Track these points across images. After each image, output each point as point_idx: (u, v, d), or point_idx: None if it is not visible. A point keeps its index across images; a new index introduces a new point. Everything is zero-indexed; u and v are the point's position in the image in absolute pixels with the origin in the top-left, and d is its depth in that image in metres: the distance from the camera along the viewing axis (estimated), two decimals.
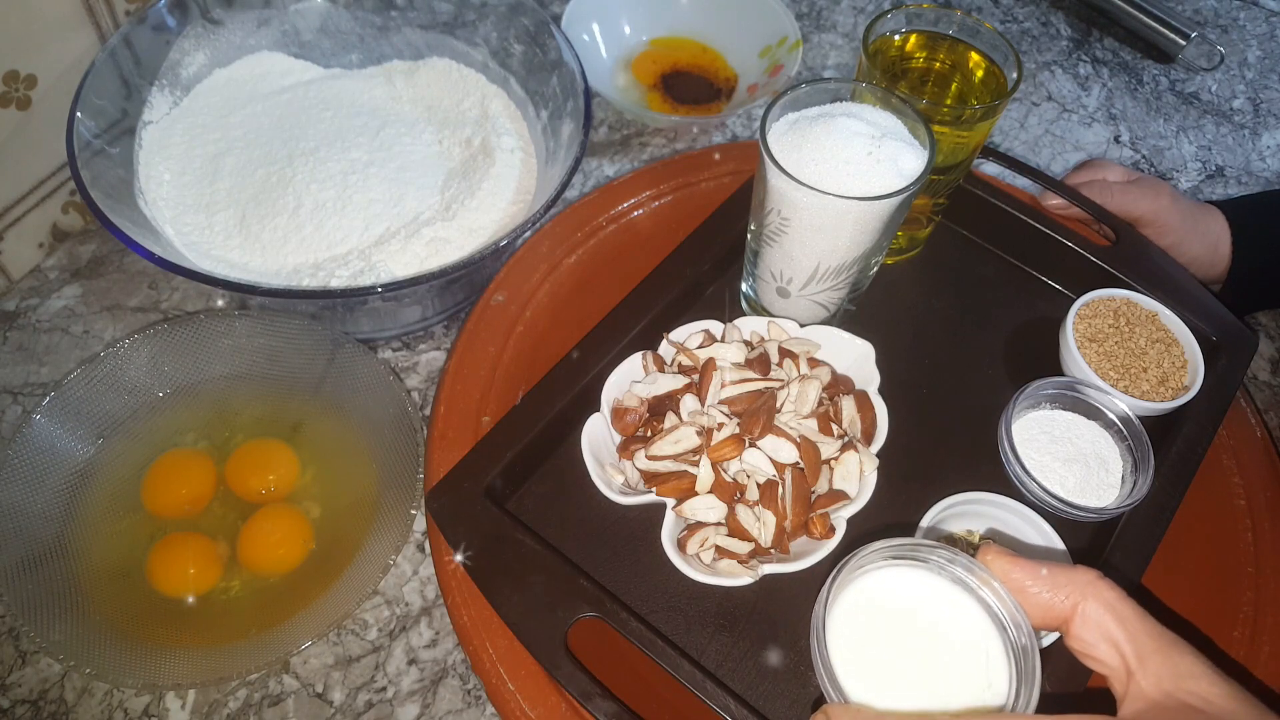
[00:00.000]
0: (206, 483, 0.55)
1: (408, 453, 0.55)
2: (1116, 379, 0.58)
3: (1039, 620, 0.37)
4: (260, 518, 0.54)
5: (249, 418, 0.58)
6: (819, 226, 0.52)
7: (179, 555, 0.53)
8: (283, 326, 0.59)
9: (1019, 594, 0.37)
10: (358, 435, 0.57)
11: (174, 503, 0.54)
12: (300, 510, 0.55)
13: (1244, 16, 0.97)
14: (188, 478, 0.55)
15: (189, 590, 0.52)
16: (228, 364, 0.59)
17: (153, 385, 0.58)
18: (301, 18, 0.69)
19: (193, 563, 0.53)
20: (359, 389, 0.57)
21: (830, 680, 0.37)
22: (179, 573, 0.52)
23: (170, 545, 0.53)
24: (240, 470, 0.56)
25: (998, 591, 0.37)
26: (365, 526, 0.54)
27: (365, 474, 0.56)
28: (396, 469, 0.55)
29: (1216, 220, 0.70)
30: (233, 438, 0.57)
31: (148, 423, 0.57)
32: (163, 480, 0.55)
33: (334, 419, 0.58)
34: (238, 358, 0.59)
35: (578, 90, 0.63)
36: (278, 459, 0.56)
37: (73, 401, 0.55)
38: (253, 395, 0.59)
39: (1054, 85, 0.88)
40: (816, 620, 0.38)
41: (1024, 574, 0.37)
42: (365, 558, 0.52)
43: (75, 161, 0.55)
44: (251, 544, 0.53)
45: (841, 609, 0.39)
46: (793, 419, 0.52)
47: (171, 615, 0.52)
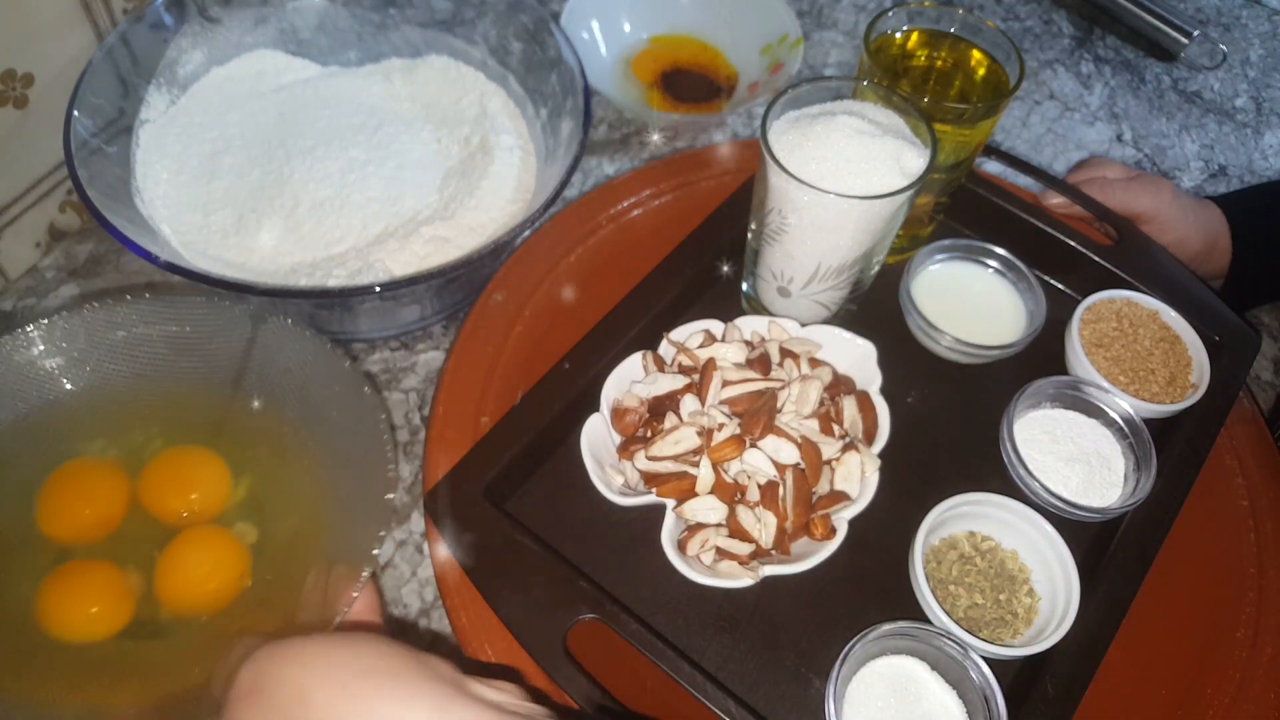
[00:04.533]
0: (116, 500, 0.45)
1: (368, 449, 0.44)
2: (1126, 383, 0.58)
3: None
4: (181, 544, 0.45)
5: (167, 420, 0.48)
6: (820, 225, 0.52)
7: (80, 589, 0.43)
8: (186, 309, 0.49)
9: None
10: (303, 435, 0.47)
11: (76, 524, 0.45)
12: (231, 534, 0.46)
13: (1246, 15, 0.97)
14: (93, 494, 0.45)
15: (92, 633, 0.42)
16: (131, 358, 0.49)
17: (49, 382, 0.47)
18: (299, 15, 0.69)
19: (97, 598, 0.42)
20: (297, 376, 0.47)
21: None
22: (79, 611, 0.42)
23: (68, 576, 0.43)
24: (157, 485, 0.46)
25: (981, 670, 0.46)
26: (313, 554, 0.44)
27: (313, 484, 0.46)
28: (355, 473, 0.45)
29: (1217, 216, 0.70)
30: (148, 444, 0.47)
31: (43, 426, 0.46)
32: (63, 496, 0.45)
33: (270, 417, 0.48)
34: (140, 350, 0.49)
35: (577, 88, 0.62)
36: (203, 471, 0.47)
37: None
38: (169, 392, 0.48)
39: (1056, 84, 0.88)
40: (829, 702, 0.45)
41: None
42: (314, 596, 0.42)
43: (72, 160, 0.54)
44: (171, 575, 0.44)
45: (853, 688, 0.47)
46: (794, 419, 0.52)
47: (70, 665, 0.41)
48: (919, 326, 0.60)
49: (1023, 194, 0.69)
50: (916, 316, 0.60)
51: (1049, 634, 0.48)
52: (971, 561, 0.52)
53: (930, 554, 0.52)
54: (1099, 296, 0.62)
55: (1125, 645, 0.50)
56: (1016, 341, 0.59)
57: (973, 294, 0.63)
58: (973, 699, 0.46)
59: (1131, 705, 0.51)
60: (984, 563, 0.52)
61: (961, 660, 0.46)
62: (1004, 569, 0.52)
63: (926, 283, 0.62)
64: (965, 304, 0.62)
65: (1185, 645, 0.53)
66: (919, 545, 0.50)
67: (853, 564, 0.51)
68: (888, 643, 0.48)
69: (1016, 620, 0.51)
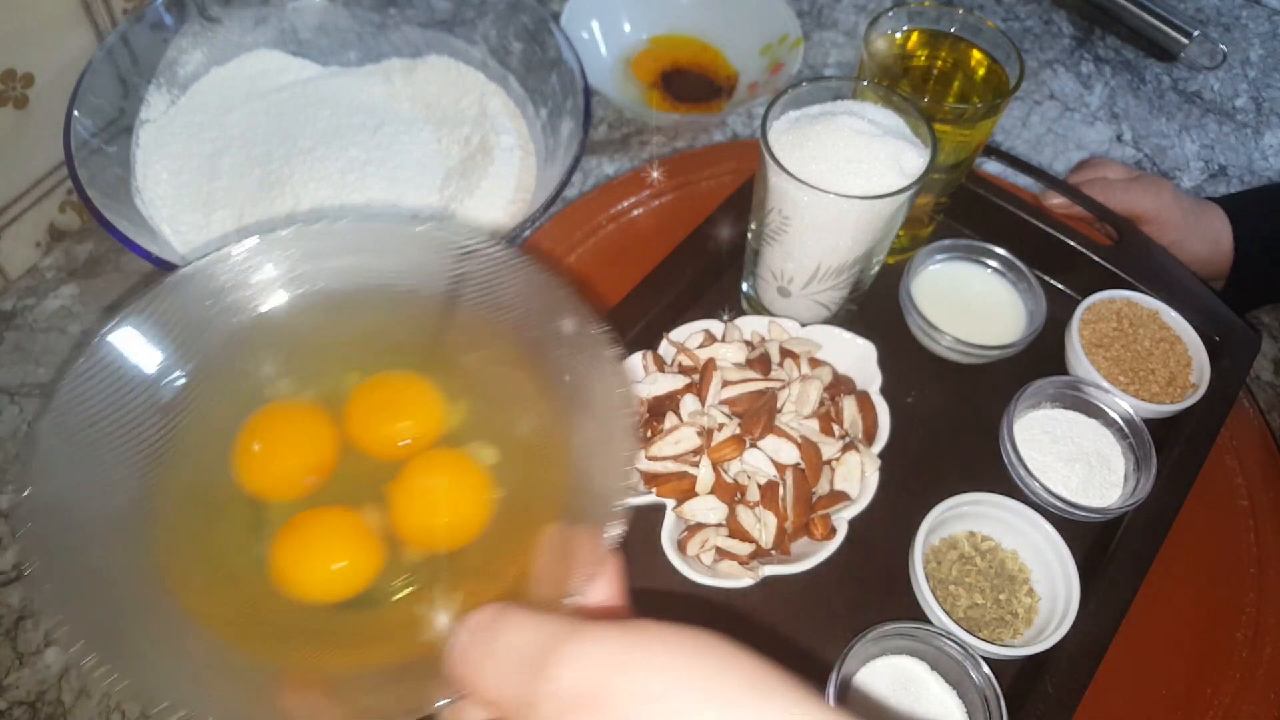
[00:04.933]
0: (328, 445, 0.39)
1: (599, 389, 0.38)
2: (1126, 383, 0.58)
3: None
4: (417, 469, 0.39)
5: (365, 357, 0.42)
6: (820, 225, 0.52)
7: (323, 539, 0.37)
8: (394, 237, 0.43)
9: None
10: (521, 374, 0.41)
11: (286, 477, 0.39)
12: (467, 452, 0.40)
13: (1246, 15, 0.97)
14: (301, 440, 0.39)
15: (342, 589, 0.36)
16: (331, 291, 0.42)
17: (242, 312, 0.41)
18: (299, 15, 0.69)
19: (342, 547, 0.37)
20: (514, 310, 0.41)
21: None
22: (323, 564, 0.36)
23: (304, 528, 0.37)
24: (366, 418, 0.40)
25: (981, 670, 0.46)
26: (562, 469, 0.38)
27: (542, 403, 0.40)
28: (588, 417, 0.38)
29: (1218, 216, 0.70)
30: (344, 379, 0.42)
31: (233, 364, 0.40)
32: (268, 447, 0.39)
33: (482, 354, 0.42)
34: (341, 281, 0.43)
35: (577, 88, 0.62)
36: (414, 395, 0.41)
37: (140, 341, 0.38)
38: (369, 329, 0.43)
39: (1056, 84, 0.88)
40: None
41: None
42: (574, 511, 0.36)
43: (72, 160, 0.54)
44: (412, 505, 0.38)
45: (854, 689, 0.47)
46: (794, 419, 0.52)
47: (318, 629, 0.36)
48: (919, 326, 0.60)
49: (1023, 194, 0.69)
50: (916, 316, 0.60)
51: (1049, 634, 0.48)
52: (971, 561, 0.52)
53: (930, 554, 0.52)
54: (1099, 296, 0.62)
55: (1125, 645, 0.50)
56: (1016, 341, 0.59)
57: (973, 294, 0.63)
58: (973, 699, 0.47)
59: (1131, 705, 0.51)
60: (984, 563, 0.52)
61: (962, 660, 0.46)
62: (1004, 569, 0.52)
63: (926, 283, 0.62)
64: (965, 304, 0.62)
65: (1185, 645, 0.53)
66: (919, 545, 0.50)
67: (853, 564, 0.51)
68: (888, 643, 0.48)
69: (1016, 620, 0.51)
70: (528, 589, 0.34)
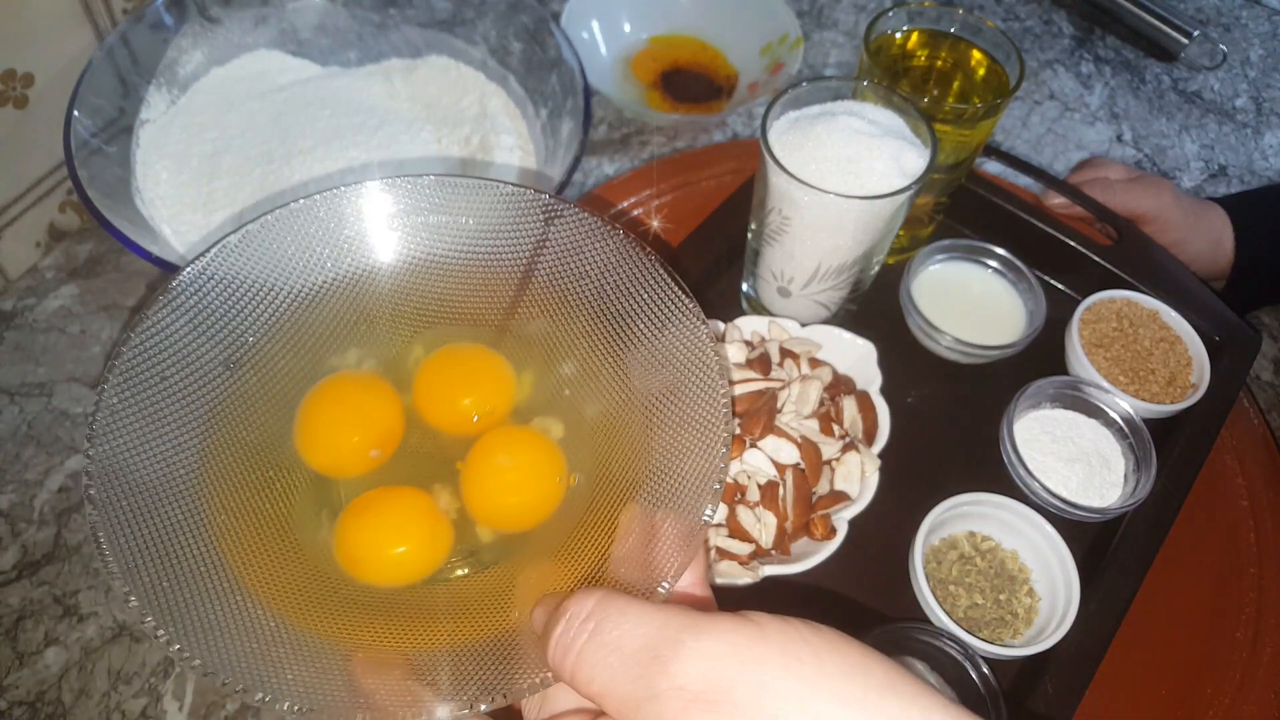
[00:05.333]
0: (395, 418, 0.38)
1: (690, 366, 0.36)
2: (1126, 383, 0.58)
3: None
4: (490, 446, 0.37)
5: (437, 324, 0.40)
6: (820, 225, 0.52)
7: (389, 522, 0.35)
8: (476, 195, 0.39)
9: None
10: (603, 348, 0.38)
11: (351, 452, 0.37)
12: (538, 431, 0.38)
13: (1246, 15, 0.97)
14: (367, 415, 0.37)
15: (414, 572, 0.35)
16: (406, 251, 0.40)
17: (286, 281, 0.39)
18: (299, 15, 0.69)
19: (416, 530, 0.35)
20: (595, 279, 0.39)
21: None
22: (391, 545, 0.35)
23: (373, 508, 0.36)
24: (436, 391, 0.38)
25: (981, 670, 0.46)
26: (645, 453, 0.35)
27: (620, 397, 0.37)
28: (674, 396, 0.36)
29: (1218, 216, 0.70)
30: (409, 351, 0.40)
31: (289, 336, 0.38)
32: (332, 421, 0.37)
33: (562, 325, 0.40)
34: (418, 240, 0.40)
35: (577, 88, 0.62)
36: (485, 368, 0.39)
37: (207, 302, 0.36)
38: (444, 293, 0.41)
39: (1056, 84, 0.88)
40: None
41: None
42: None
43: (72, 160, 0.54)
44: (485, 483, 0.36)
45: None
46: (794, 419, 0.52)
47: (387, 607, 0.34)
48: (919, 326, 0.60)
49: (1023, 194, 0.69)
50: (916, 316, 0.59)
51: (1049, 634, 0.48)
52: (971, 561, 0.52)
53: (930, 554, 0.52)
54: (1099, 296, 0.62)
55: (1125, 645, 0.50)
56: (1016, 341, 0.59)
57: (973, 294, 0.63)
58: (973, 699, 0.46)
59: (1131, 705, 0.51)
60: (984, 563, 0.52)
61: (961, 660, 0.46)
62: (1004, 569, 0.52)
63: (926, 283, 0.62)
64: (965, 304, 0.62)
65: (1185, 645, 0.53)
66: (919, 545, 0.50)
67: (853, 564, 0.51)
68: (887, 642, 0.48)
69: (1016, 620, 0.51)
70: (612, 575, 0.32)
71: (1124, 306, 0.61)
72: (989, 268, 0.63)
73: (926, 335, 0.60)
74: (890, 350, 0.57)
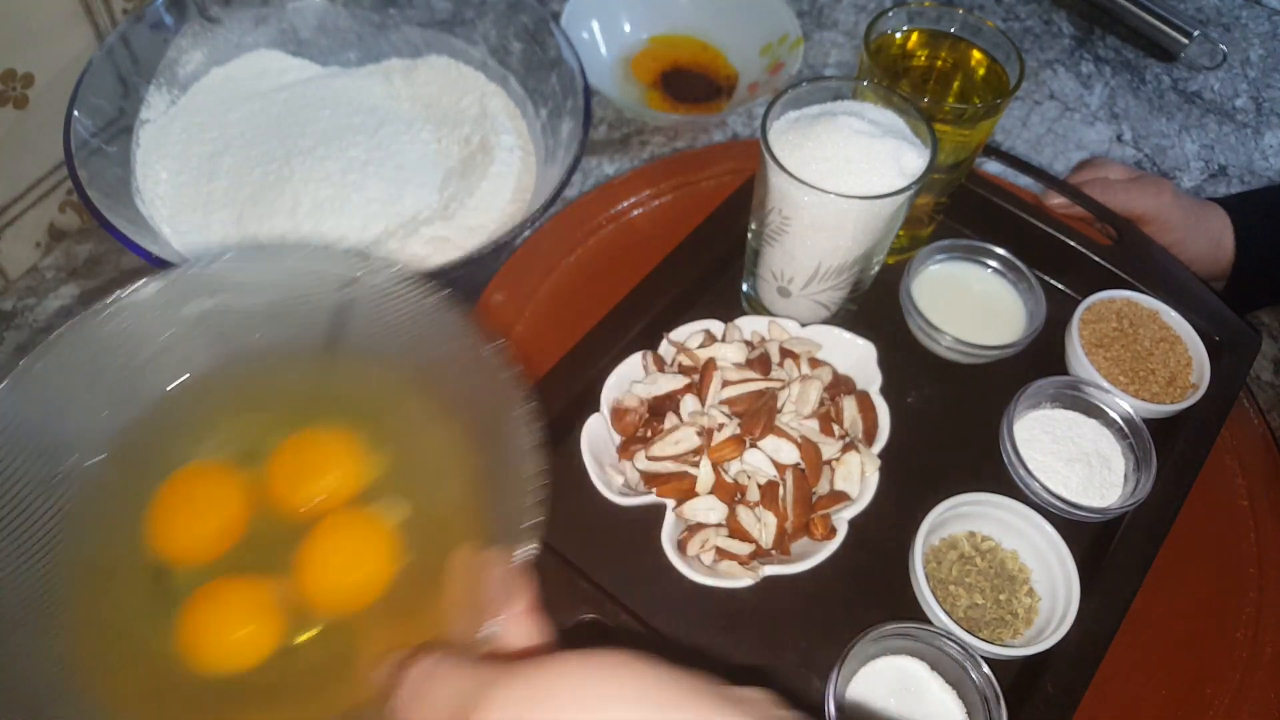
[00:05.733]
0: (237, 504, 0.40)
1: (498, 407, 0.39)
2: (1126, 383, 0.58)
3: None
4: (322, 534, 0.39)
5: (271, 402, 0.42)
6: (820, 225, 0.52)
7: (223, 612, 0.37)
8: (277, 269, 0.42)
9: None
10: (423, 400, 0.41)
11: (197, 541, 0.39)
12: (371, 514, 0.40)
13: (1246, 15, 0.97)
14: (211, 503, 0.39)
15: (244, 659, 0.37)
16: (221, 336, 0.42)
17: (137, 376, 0.41)
18: (299, 16, 0.69)
19: (244, 618, 0.37)
20: (405, 333, 0.41)
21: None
22: (226, 636, 0.37)
23: (210, 600, 0.38)
24: (283, 477, 0.41)
25: (981, 670, 0.46)
26: (465, 529, 0.39)
27: (448, 451, 0.40)
28: (489, 437, 0.39)
29: (1219, 217, 0.70)
30: (263, 436, 0.41)
31: (138, 432, 0.40)
32: (176, 512, 0.39)
33: (382, 382, 0.42)
34: (229, 324, 0.42)
35: (577, 88, 0.62)
36: (331, 452, 0.41)
37: (44, 396, 0.38)
38: (267, 370, 0.43)
39: (1056, 84, 0.88)
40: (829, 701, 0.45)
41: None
42: (466, 588, 0.36)
43: (72, 160, 0.54)
44: (316, 570, 0.39)
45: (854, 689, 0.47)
46: (794, 419, 0.52)
47: (228, 698, 0.36)
48: (919, 326, 0.60)
49: (1023, 194, 0.69)
50: (916, 316, 0.59)
51: (1049, 634, 0.48)
52: (971, 561, 0.52)
53: (930, 554, 0.52)
54: (1099, 296, 0.62)
55: (1125, 645, 0.50)
56: (1016, 341, 0.59)
57: (973, 294, 0.63)
58: (973, 699, 0.47)
59: (1131, 705, 0.51)
60: (984, 563, 0.52)
61: (961, 660, 0.46)
62: (1004, 569, 0.52)
63: (926, 283, 0.62)
64: (965, 304, 0.62)
65: (1185, 645, 0.53)
66: (919, 545, 0.50)
67: (853, 564, 0.51)
68: (888, 643, 0.48)
69: (1016, 620, 0.51)
70: (448, 627, 0.35)
71: (1124, 306, 0.61)
72: (989, 268, 0.63)
73: (926, 335, 0.60)
74: (890, 350, 0.57)
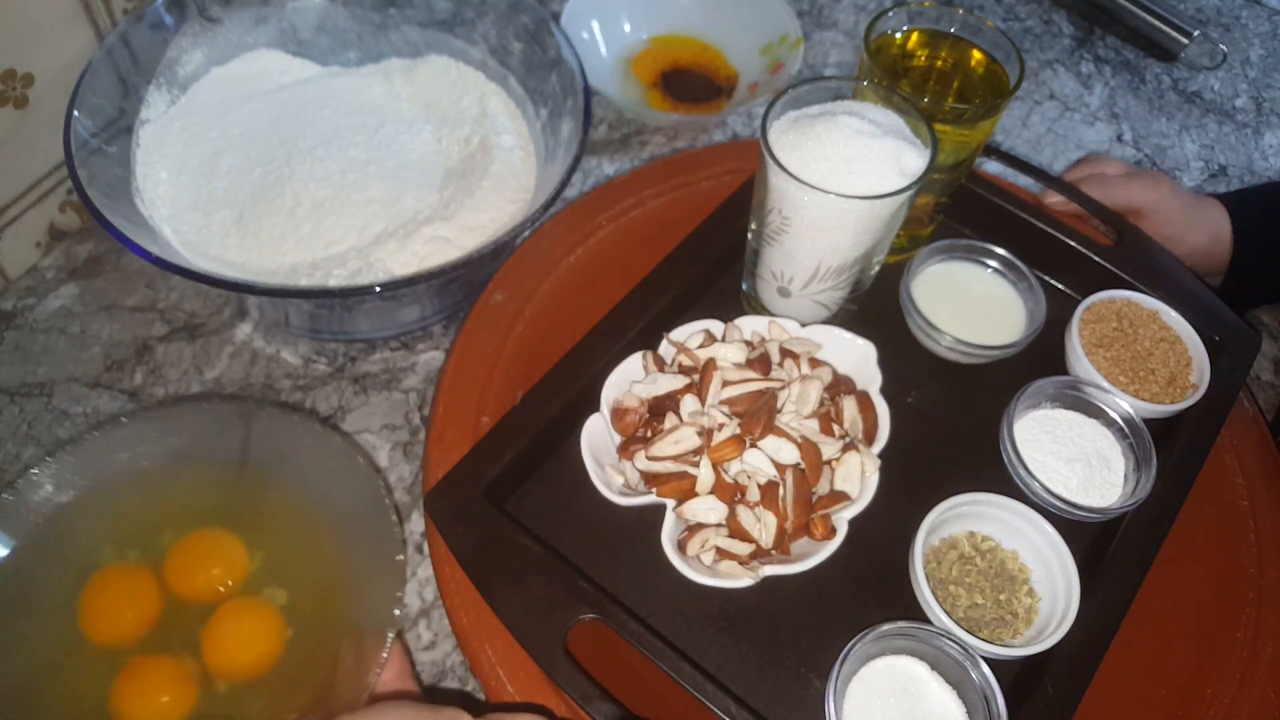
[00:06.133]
0: (151, 596, 0.49)
1: (372, 514, 0.49)
2: (1126, 383, 0.58)
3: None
4: (219, 617, 0.48)
5: (177, 516, 0.52)
6: (820, 225, 0.52)
7: (145, 684, 0.46)
8: (183, 420, 0.53)
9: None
10: (310, 509, 0.51)
11: (121, 627, 0.48)
12: (261, 599, 0.49)
13: (1246, 15, 0.97)
14: (129, 597, 0.48)
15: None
16: (138, 473, 0.52)
17: (66, 509, 0.51)
18: (299, 15, 0.69)
19: (162, 689, 0.46)
20: (295, 458, 0.52)
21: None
22: (148, 704, 0.45)
23: (134, 675, 0.46)
24: (182, 571, 0.50)
25: (981, 670, 0.46)
26: (339, 612, 0.48)
27: (326, 549, 0.50)
28: (363, 538, 0.49)
29: (1217, 211, 0.70)
30: (161, 539, 0.51)
31: (67, 545, 0.50)
32: (102, 605, 0.48)
33: (276, 498, 0.52)
34: (145, 464, 0.52)
35: (577, 88, 0.62)
36: (219, 548, 0.50)
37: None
38: (178, 493, 0.52)
39: (1056, 84, 0.88)
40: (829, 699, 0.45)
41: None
42: (348, 666, 0.46)
43: (72, 160, 0.54)
44: (217, 648, 0.47)
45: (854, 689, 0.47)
46: (794, 419, 0.52)
47: None
48: (919, 326, 0.60)
49: (1023, 194, 0.69)
50: (916, 316, 0.60)
51: (1049, 634, 0.48)
52: (971, 561, 0.52)
53: (930, 554, 0.52)
54: (1099, 296, 0.62)
55: (1125, 645, 0.50)
56: (1016, 341, 0.59)
57: (973, 294, 0.63)
58: (973, 699, 0.47)
59: (1131, 705, 0.51)
60: (984, 563, 0.52)
61: (962, 660, 0.46)
62: (1004, 569, 0.52)
63: (926, 283, 0.62)
64: (965, 304, 0.62)
65: (1185, 645, 0.53)
66: (919, 545, 0.50)
67: (853, 564, 0.51)
68: (888, 643, 0.48)
69: (1016, 620, 0.51)
70: (332, 692, 0.44)
71: (1124, 306, 0.61)
72: (989, 268, 0.63)
73: (926, 335, 0.60)
74: (890, 350, 0.57)
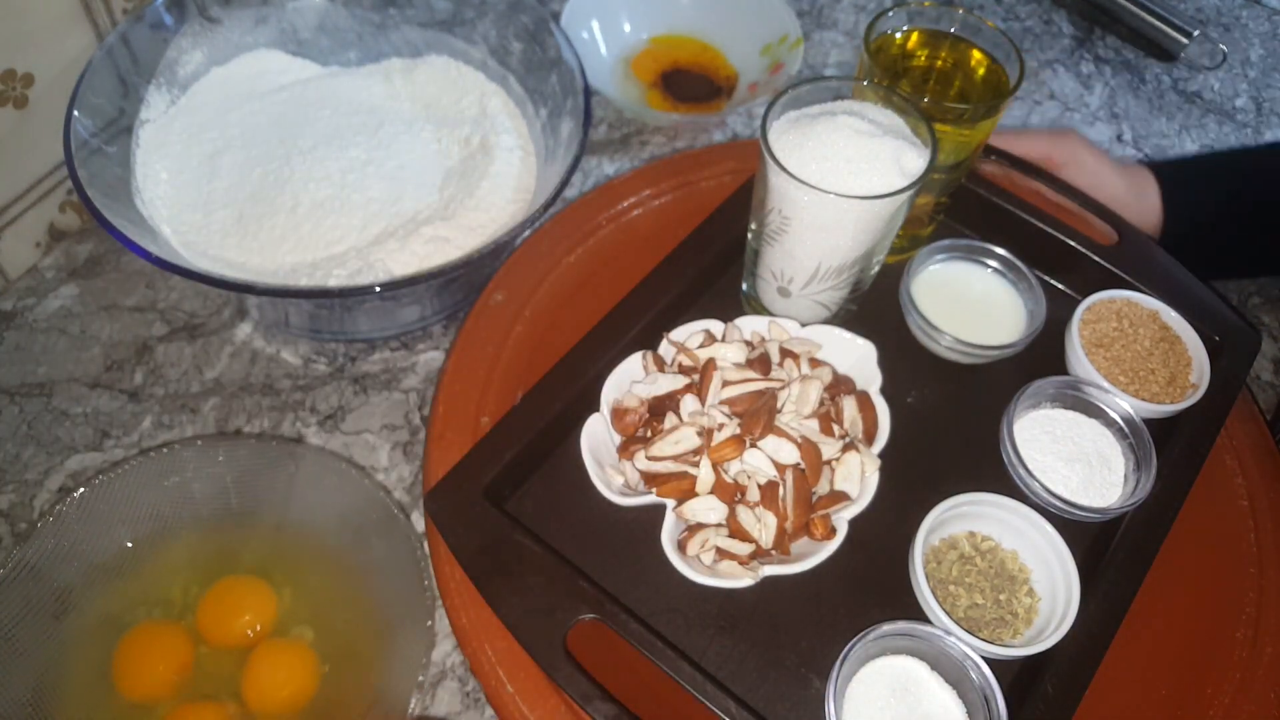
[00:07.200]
0: (184, 650, 0.50)
1: (396, 541, 0.51)
2: (1126, 383, 0.58)
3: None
4: (256, 659, 0.50)
5: (213, 563, 0.53)
6: (820, 225, 0.52)
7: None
8: (235, 452, 0.54)
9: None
10: (336, 546, 0.53)
11: (159, 683, 0.49)
12: (292, 638, 0.51)
13: (1246, 15, 0.97)
14: (164, 651, 0.50)
15: None
16: (183, 507, 0.53)
17: (110, 547, 0.52)
18: (299, 15, 0.69)
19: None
20: (335, 505, 0.53)
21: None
22: None
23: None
24: (213, 620, 0.51)
25: (981, 670, 0.46)
26: (373, 628, 0.50)
27: (355, 595, 0.52)
28: (390, 562, 0.51)
29: (1142, 173, 0.70)
30: (188, 590, 0.52)
31: (96, 602, 0.51)
32: (137, 664, 0.49)
33: (313, 543, 0.53)
34: (190, 499, 0.54)
35: (577, 88, 0.62)
36: (247, 594, 0.52)
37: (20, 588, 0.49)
38: (217, 535, 0.54)
39: (1056, 84, 0.88)
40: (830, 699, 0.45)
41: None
42: (390, 655, 0.49)
43: (72, 160, 0.54)
44: (258, 689, 0.49)
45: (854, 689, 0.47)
46: (794, 419, 0.52)
47: None
48: (919, 326, 0.60)
49: (1023, 194, 0.69)
50: (916, 316, 0.60)
51: (1049, 634, 0.48)
52: (971, 561, 0.52)
53: (930, 554, 0.52)
54: (1099, 296, 0.62)
55: (1125, 645, 0.50)
56: (1016, 341, 0.59)
57: (973, 294, 0.63)
58: (973, 699, 0.47)
59: (1131, 705, 0.51)
60: (984, 563, 0.52)
61: (961, 660, 0.46)
62: (1004, 569, 0.52)
63: (926, 283, 0.62)
64: (965, 304, 0.62)
65: (1185, 645, 0.53)
66: (919, 545, 0.50)
67: (853, 564, 0.51)
68: (888, 643, 0.48)
69: (1016, 620, 0.51)
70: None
71: (1124, 306, 0.61)
72: (989, 268, 0.63)
73: (926, 335, 0.60)
74: (890, 350, 0.57)
